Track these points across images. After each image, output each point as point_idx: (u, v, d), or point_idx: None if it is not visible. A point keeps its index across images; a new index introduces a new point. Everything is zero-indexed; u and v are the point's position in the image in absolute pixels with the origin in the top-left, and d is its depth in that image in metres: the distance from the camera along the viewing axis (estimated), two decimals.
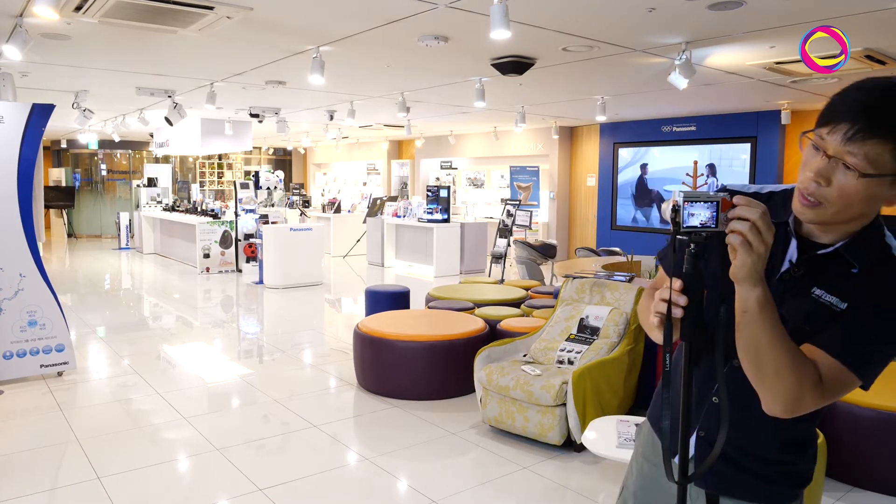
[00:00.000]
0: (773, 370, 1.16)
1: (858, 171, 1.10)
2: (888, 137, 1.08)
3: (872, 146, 1.09)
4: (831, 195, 1.14)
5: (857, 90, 1.14)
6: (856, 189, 1.12)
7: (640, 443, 1.61)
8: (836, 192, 1.14)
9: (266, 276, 9.65)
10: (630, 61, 6.17)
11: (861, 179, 1.10)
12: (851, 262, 1.21)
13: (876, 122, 1.08)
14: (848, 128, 1.10)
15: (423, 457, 3.78)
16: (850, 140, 1.10)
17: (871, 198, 1.14)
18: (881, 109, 1.09)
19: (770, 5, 4.34)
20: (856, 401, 3.35)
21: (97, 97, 8.93)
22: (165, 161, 17.19)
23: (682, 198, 1.22)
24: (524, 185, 13.38)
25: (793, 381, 1.16)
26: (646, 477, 1.55)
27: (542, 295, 6.27)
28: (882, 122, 1.08)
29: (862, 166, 1.10)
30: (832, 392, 1.19)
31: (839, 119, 1.12)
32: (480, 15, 4.52)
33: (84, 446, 3.82)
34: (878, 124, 1.08)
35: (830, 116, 1.14)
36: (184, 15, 4.61)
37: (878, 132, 1.08)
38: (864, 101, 1.11)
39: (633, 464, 1.62)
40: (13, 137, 4.81)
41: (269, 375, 5.32)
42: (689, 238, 1.24)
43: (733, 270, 1.13)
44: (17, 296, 4.90)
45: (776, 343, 1.15)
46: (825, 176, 1.14)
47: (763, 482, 1.35)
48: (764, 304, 1.14)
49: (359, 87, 8.00)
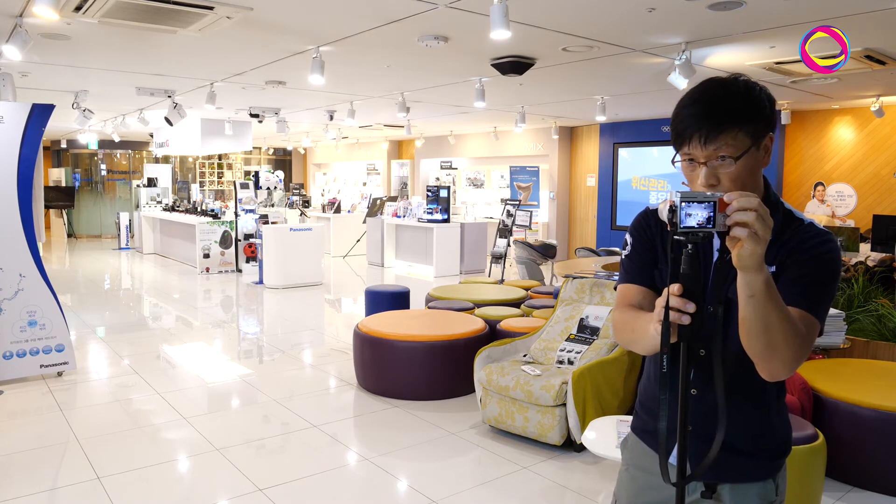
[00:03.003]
0: (783, 340, 1.25)
1: (732, 157, 1.30)
2: (730, 125, 1.30)
3: (727, 137, 1.30)
4: (726, 186, 1.32)
5: (683, 108, 1.35)
6: (738, 170, 1.31)
7: (629, 455, 1.64)
8: (727, 182, 1.32)
9: (266, 277, 9.65)
10: (630, 61, 6.17)
11: (738, 161, 1.31)
12: None
13: (715, 122, 1.30)
14: (700, 136, 1.31)
15: (423, 457, 3.78)
16: (708, 142, 1.30)
17: (752, 168, 1.34)
18: (710, 113, 1.31)
19: (770, 5, 4.34)
20: (856, 401, 3.35)
21: (97, 97, 8.93)
22: (165, 161, 17.19)
23: (679, 198, 1.22)
24: (524, 185, 13.38)
25: (798, 342, 1.27)
26: (639, 484, 1.59)
27: (541, 295, 6.27)
28: (719, 119, 1.30)
29: (732, 153, 1.30)
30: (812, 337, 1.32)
31: (689, 134, 1.33)
32: (480, 15, 4.52)
33: (84, 446, 3.82)
34: (718, 122, 1.30)
35: (681, 137, 1.35)
36: (184, 15, 4.61)
37: (723, 127, 1.30)
38: (695, 113, 1.32)
39: (624, 475, 1.65)
40: (13, 137, 4.81)
41: (268, 375, 5.32)
42: (686, 238, 1.25)
43: (739, 260, 1.20)
44: (17, 296, 4.90)
45: (784, 316, 1.24)
46: (713, 176, 1.33)
47: (751, 459, 1.44)
48: (770, 284, 1.22)
49: (359, 87, 8.00)
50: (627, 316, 1.49)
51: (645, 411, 1.60)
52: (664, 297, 1.27)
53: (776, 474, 1.49)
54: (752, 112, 1.32)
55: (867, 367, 3.90)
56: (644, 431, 1.59)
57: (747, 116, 1.31)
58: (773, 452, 1.48)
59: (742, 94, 1.33)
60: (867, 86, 7.54)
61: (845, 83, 7.31)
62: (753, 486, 1.46)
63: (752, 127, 1.31)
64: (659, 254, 1.51)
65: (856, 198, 9.47)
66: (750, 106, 1.32)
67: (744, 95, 1.33)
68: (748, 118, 1.31)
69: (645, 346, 1.41)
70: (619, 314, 1.54)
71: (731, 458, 1.41)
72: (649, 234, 1.53)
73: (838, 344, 4.15)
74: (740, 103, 1.32)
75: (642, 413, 1.61)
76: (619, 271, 1.63)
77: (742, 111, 1.31)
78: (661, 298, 1.28)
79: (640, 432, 1.61)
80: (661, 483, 1.45)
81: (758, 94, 1.34)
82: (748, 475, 1.46)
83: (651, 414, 1.57)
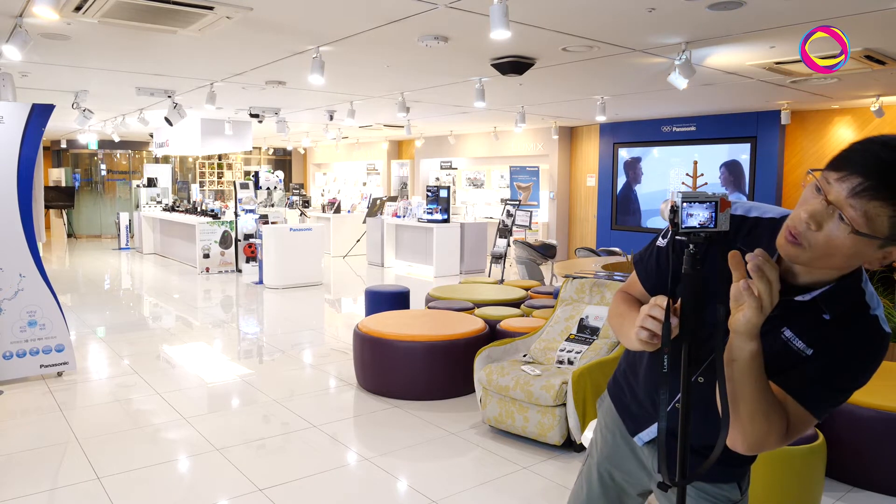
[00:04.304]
0: (749, 415, 1.21)
1: (853, 226, 1.07)
2: (886, 202, 1.05)
3: (875, 206, 1.05)
4: (817, 240, 1.12)
5: (881, 146, 1.08)
6: (843, 242, 1.10)
7: (602, 414, 1.72)
8: (823, 239, 1.12)
9: (266, 277, 9.65)
10: (630, 61, 6.17)
11: (851, 235, 1.08)
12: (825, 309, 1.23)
13: (888, 183, 1.04)
14: (858, 181, 1.06)
15: (423, 457, 3.78)
16: (856, 194, 1.06)
17: (855, 255, 1.12)
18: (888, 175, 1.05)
19: (770, 5, 4.34)
20: (856, 401, 3.35)
21: (97, 97, 8.93)
22: (165, 161, 17.19)
23: (681, 198, 1.22)
24: (524, 185, 13.38)
25: (764, 428, 1.22)
26: (609, 445, 1.67)
27: (541, 295, 6.27)
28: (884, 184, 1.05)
29: (858, 223, 1.07)
30: (794, 434, 1.25)
31: (852, 169, 1.08)
32: (480, 15, 4.52)
33: (84, 446, 3.82)
34: (889, 186, 1.04)
35: (844, 164, 1.10)
36: (184, 15, 4.61)
37: (886, 194, 1.05)
38: (886, 160, 1.06)
39: (598, 434, 1.73)
40: (13, 137, 4.81)
41: (268, 375, 5.32)
42: (688, 239, 1.24)
43: (735, 323, 1.14)
44: (17, 296, 4.90)
45: (758, 394, 1.19)
46: (818, 221, 1.11)
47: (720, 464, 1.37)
48: (756, 357, 1.16)
49: (359, 87, 8.00)
50: (623, 307, 1.50)
51: (625, 381, 1.65)
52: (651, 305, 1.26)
53: (742, 478, 1.53)
54: None
55: None
56: (619, 401, 1.65)
57: None
58: (740, 458, 1.43)
59: None
60: (867, 86, 7.54)
61: (845, 83, 7.31)
62: (717, 488, 1.50)
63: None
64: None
65: None
66: None
67: None
68: None
69: (627, 344, 1.40)
70: (619, 298, 1.55)
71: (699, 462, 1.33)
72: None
73: None
74: None
75: (622, 380, 1.67)
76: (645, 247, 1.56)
77: None
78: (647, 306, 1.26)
79: (615, 398, 1.68)
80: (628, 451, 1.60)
81: None
82: (713, 478, 1.49)
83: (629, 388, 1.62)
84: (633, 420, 1.60)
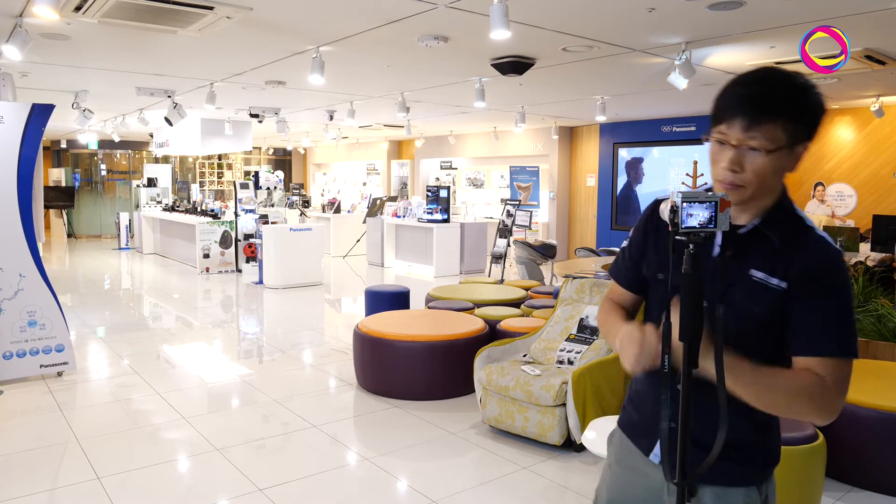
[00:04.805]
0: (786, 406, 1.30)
1: (764, 149, 1.26)
2: (775, 118, 1.25)
3: (767, 128, 1.26)
4: (748, 177, 1.29)
5: (736, 86, 1.30)
6: (765, 165, 1.28)
7: (614, 450, 1.61)
8: (750, 172, 1.29)
9: (266, 277, 9.65)
10: (630, 61, 6.17)
11: (768, 155, 1.27)
12: (770, 236, 1.34)
13: (762, 109, 1.25)
14: (743, 119, 1.26)
15: (423, 457, 3.78)
16: (748, 129, 1.26)
17: (778, 169, 1.31)
18: (763, 98, 1.26)
19: (770, 5, 4.34)
20: (856, 401, 3.35)
21: (97, 97, 8.93)
22: (165, 161, 17.19)
23: (681, 198, 1.22)
24: (524, 185, 13.38)
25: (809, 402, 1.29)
26: (620, 482, 1.57)
27: (541, 295, 6.27)
28: (767, 107, 1.26)
29: (766, 145, 1.26)
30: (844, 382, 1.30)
31: (731, 114, 1.28)
32: (480, 15, 4.52)
33: (84, 446, 3.82)
34: (765, 110, 1.25)
35: (724, 115, 1.30)
36: (184, 15, 4.61)
37: (768, 116, 1.25)
38: (747, 95, 1.27)
39: (607, 472, 1.63)
40: (13, 137, 4.81)
41: (268, 375, 5.32)
42: (688, 238, 1.25)
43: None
44: (17, 296, 4.90)
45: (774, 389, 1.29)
46: (738, 163, 1.29)
47: (737, 464, 1.39)
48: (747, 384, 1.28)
49: (359, 87, 8.00)
50: (609, 318, 1.56)
51: (633, 406, 1.58)
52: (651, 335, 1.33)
53: (762, 482, 1.44)
54: (800, 112, 1.27)
55: (867, 367, 3.90)
56: (629, 426, 1.57)
57: (795, 115, 1.26)
58: (761, 459, 1.44)
59: (798, 91, 1.28)
60: (867, 86, 7.54)
61: (845, 83, 7.31)
62: (737, 492, 1.42)
63: (794, 126, 1.27)
64: (649, 247, 1.51)
65: (856, 198, 9.47)
66: (801, 105, 1.27)
67: (800, 92, 1.28)
68: (794, 117, 1.26)
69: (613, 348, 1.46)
70: (605, 307, 1.62)
71: (717, 463, 1.32)
72: (646, 230, 1.52)
73: None
74: (793, 99, 1.27)
75: (629, 407, 1.60)
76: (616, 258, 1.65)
77: (792, 107, 1.26)
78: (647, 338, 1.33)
79: (625, 427, 1.59)
80: (642, 481, 1.50)
81: (814, 97, 1.28)
82: (732, 480, 1.41)
83: (637, 409, 1.55)
84: (645, 437, 1.51)
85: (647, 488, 1.49)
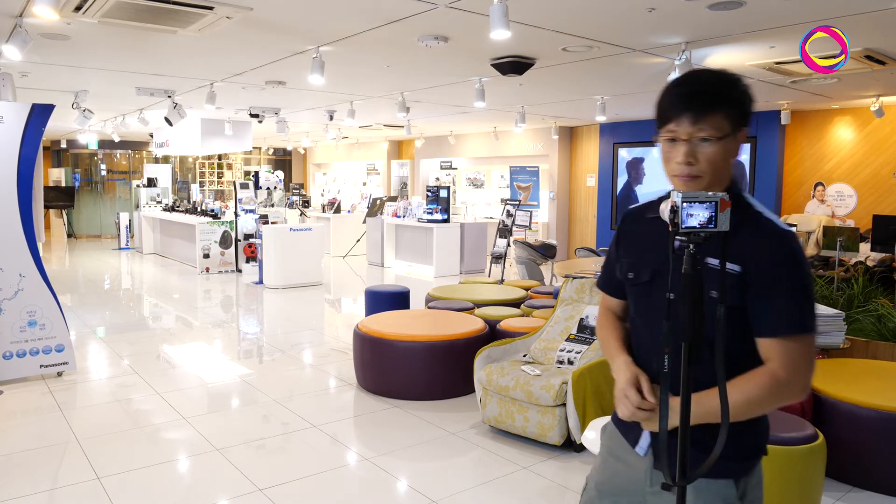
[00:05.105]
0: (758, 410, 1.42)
1: (714, 138, 1.38)
2: (718, 109, 1.38)
3: (712, 119, 1.38)
4: (702, 167, 1.40)
5: (675, 87, 1.44)
6: (716, 152, 1.39)
7: (605, 441, 1.69)
8: (704, 162, 1.40)
9: (266, 277, 9.65)
10: (630, 61, 6.17)
11: (717, 143, 1.39)
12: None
13: (705, 102, 1.39)
14: (689, 114, 1.39)
15: (423, 457, 3.78)
16: (695, 123, 1.38)
17: (726, 155, 1.42)
18: (705, 94, 1.40)
19: (770, 5, 4.34)
20: (856, 401, 3.35)
21: (97, 97, 8.93)
22: (165, 161, 17.19)
23: (681, 199, 1.22)
24: (524, 185, 13.38)
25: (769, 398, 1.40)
26: (609, 470, 1.65)
27: (541, 295, 6.27)
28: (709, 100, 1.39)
29: (714, 134, 1.38)
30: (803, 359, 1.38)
31: (676, 112, 1.40)
32: (480, 15, 4.52)
33: (84, 446, 3.82)
34: (708, 103, 1.39)
35: (669, 115, 1.42)
36: (184, 15, 4.61)
37: (711, 108, 1.38)
38: (689, 93, 1.41)
39: (598, 460, 1.71)
40: (13, 137, 4.81)
41: (268, 375, 5.32)
42: (688, 239, 1.25)
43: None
44: (17, 296, 4.90)
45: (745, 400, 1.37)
46: (692, 154, 1.40)
47: (723, 458, 1.38)
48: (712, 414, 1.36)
49: (359, 87, 8.00)
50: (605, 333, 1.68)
51: None
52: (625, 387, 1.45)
53: (742, 476, 1.46)
54: (737, 100, 1.41)
55: (867, 367, 3.90)
56: (620, 420, 1.59)
57: (733, 103, 1.40)
58: (742, 453, 1.45)
59: (730, 83, 1.42)
60: (867, 86, 7.54)
61: (845, 83, 7.31)
62: (715, 484, 1.44)
63: (733, 114, 1.40)
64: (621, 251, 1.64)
65: (856, 198, 9.47)
66: (736, 94, 1.41)
67: (732, 84, 1.42)
68: (733, 105, 1.40)
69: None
70: (600, 319, 1.74)
71: (697, 455, 1.37)
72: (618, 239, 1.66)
73: (838, 344, 4.15)
74: (728, 90, 1.41)
75: None
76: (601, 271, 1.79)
77: (729, 97, 1.40)
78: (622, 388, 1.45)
79: (616, 420, 1.64)
80: (628, 471, 1.57)
81: (743, 86, 1.43)
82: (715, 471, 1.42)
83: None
84: (632, 431, 1.56)
85: (632, 478, 1.56)
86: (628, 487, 1.57)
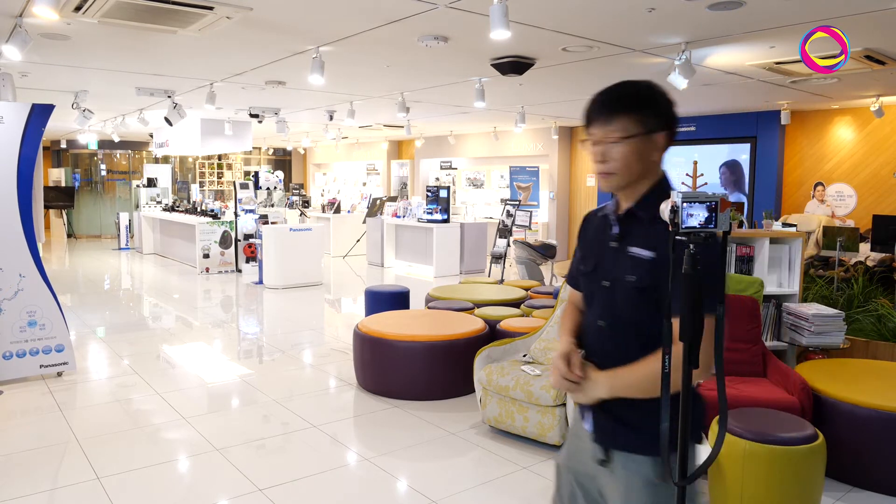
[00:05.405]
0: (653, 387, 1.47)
1: (620, 137, 1.53)
2: (623, 113, 1.53)
3: (619, 121, 1.53)
4: (613, 165, 1.56)
5: (596, 96, 1.60)
6: (625, 151, 1.54)
7: (572, 422, 1.84)
8: (614, 161, 1.55)
9: (266, 277, 9.65)
10: (630, 61, 6.17)
11: (624, 142, 1.53)
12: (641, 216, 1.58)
13: (612, 107, 1.55)
14: (600, 119, 1.56)
15: (423, 457, 3.78)
16: (604, 125, 1.55)
17: (640, 154, 1.54)
18: (612, 100, 1.57)
19: (770, 5, 4.34)
20: (856, 401, 3.35)
21: (97, 97, 8.93)
22: (165, 161, 17.19)
23: (681, 198, 1.22)
24: (524, 185, 13.38)
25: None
26: (571, 447, 1.78)
27: (541, 295, 6.27)
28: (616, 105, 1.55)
29: (621, 134, 1.53)
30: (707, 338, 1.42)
31: (593, 117, 1.58)
32: (480, 15, 4.52)
33: (84, 446, 3.82)
34: (614, 108, 1.55)
35: (590, 120, 1.59)
36: (184, 15, 4.61)
37: (617, 112, 1.54)
38: (601, 101, 1.58)
39: (566, 440, 1.87)
40: (13, 137, 4.81)
41: (268, 375, 5.32)
42: (688, 238, 1.25)
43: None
44: (17, 296, 4.90)
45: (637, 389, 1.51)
46: (603, 154, 1.56)
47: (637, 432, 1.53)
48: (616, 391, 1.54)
49: (359, 87, 8.00)
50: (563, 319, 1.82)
51: None
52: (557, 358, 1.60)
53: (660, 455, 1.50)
54: (643, 104, 1.55)
55: (867, 367, 3.90)
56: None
57: (638, 107, 1.54)
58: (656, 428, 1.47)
59: (640, 91, 1.56)
60: (867, 86, 7.54)
61: (845, 83, 7.31)
62: (640, 459, 1.53)
63: (641, 116, 1.53)
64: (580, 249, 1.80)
65: (855, 198, 9.47)
66: (643, 99, 1.55)
67: (641, 92, 1.56)
68: (639, 108, 1.54)
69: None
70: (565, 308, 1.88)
71: (618, 427, 1.56)
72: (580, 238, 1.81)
73: (838, 344, 4.15)
74: (635, 96, 1.56)
75: None
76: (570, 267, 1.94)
77: (635, 102, 1.55)
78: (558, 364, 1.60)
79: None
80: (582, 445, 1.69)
81: (655, 93, 1.56)
82: (633, 447, 1.55)
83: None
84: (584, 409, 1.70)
85: (584, 451, 1.68)
86: (584, 463, 1.68)
